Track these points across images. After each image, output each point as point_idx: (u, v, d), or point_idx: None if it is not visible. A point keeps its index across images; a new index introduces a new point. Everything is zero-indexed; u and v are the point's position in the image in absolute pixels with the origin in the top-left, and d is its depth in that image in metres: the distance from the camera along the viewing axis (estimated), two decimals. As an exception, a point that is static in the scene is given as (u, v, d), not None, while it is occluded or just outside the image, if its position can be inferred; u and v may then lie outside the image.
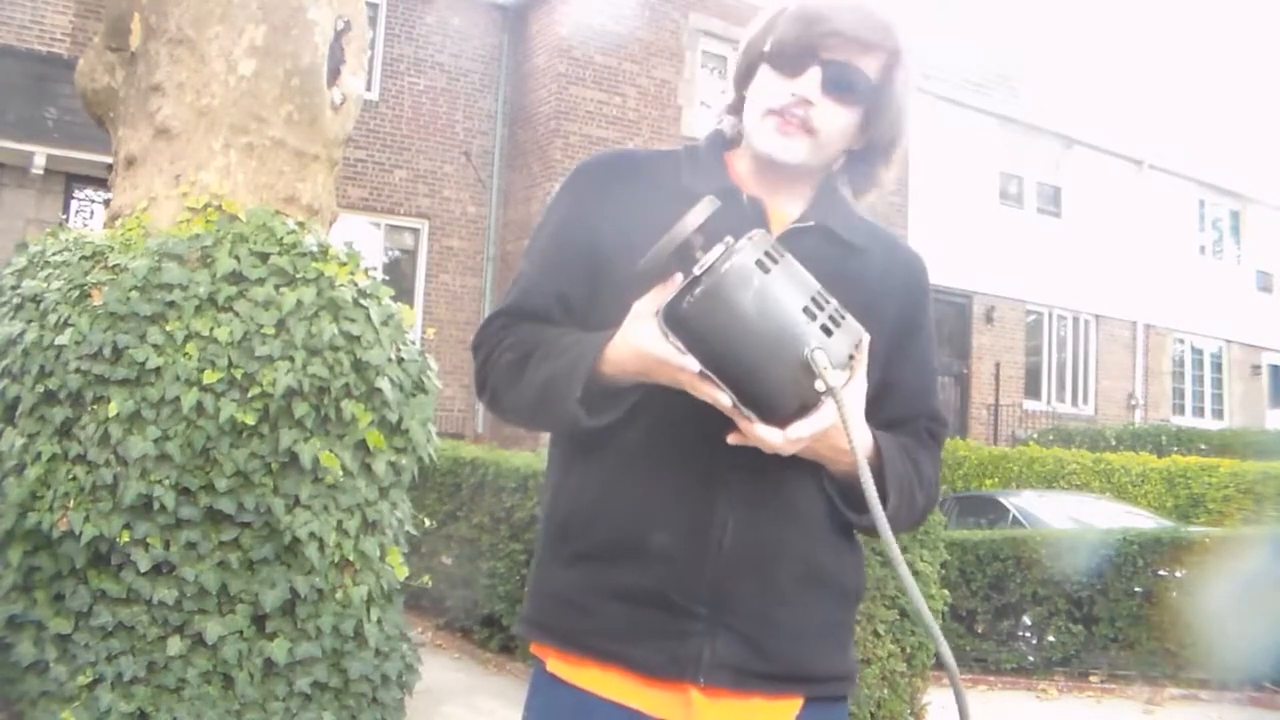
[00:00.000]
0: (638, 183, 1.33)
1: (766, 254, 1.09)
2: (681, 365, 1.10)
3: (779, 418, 1.10)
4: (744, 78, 1.34)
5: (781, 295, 1.08)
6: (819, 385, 1.07)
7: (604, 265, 1.27)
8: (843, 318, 1.10)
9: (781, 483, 1.23)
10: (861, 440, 1.11)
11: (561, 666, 1.27)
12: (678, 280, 1.12)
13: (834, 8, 1.24)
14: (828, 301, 1.10)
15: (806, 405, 1.10)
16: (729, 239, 1.10)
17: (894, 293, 1.34)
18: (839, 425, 1.11)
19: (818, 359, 1.06)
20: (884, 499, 1.22)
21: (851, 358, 1.11)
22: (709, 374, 1.08)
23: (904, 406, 1.35)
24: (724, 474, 1.23)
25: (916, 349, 1.37)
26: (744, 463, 1.20)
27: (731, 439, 1.14)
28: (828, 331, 1.08)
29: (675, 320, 1.10)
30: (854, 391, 1.14)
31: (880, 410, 1.25)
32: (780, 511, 1.25)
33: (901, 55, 1.28)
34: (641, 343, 1.14)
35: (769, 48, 1.28)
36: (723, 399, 1.09)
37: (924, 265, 1.43)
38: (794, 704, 1.27)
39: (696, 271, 1.09)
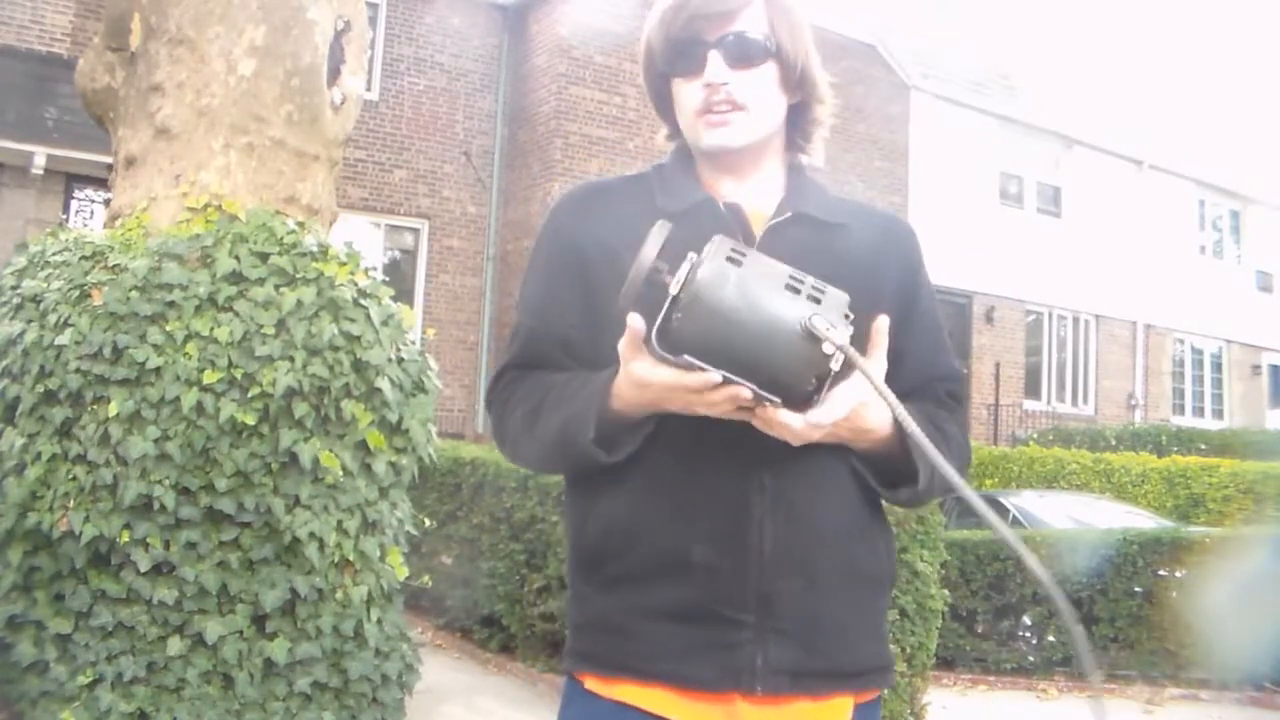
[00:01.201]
0: (615, 212, 1.33)
1: (733, 251, 1.11)
2: (695, 384, 1.10)
3: (800, 399, 1.11)
4: (665, 106, 1.38)
5: (760, 283, 1.10)
6: (826, 348, 1.07)
7: (598, 300, 1.27)
8: (823, 290, 1.11)
9: (811, 477, 1.23)
10: (892, 399, 1.11)
11: (599, 685, 1.26)
12: (637, 324, 1.12)
13: None
14: (804, 279, 1.12)
15: (821, 376, 1.11)
16: (691, 255, 1.12)
17: (888, 262, 1.34)
18: (858, 408, 1.14)
19: (817, 324, 1.07)
20: (914, 476, 1.23)
21: (847, 318, 1.12)
22: (727, 374, 1.08)
23: (919, 373, 1.35)
24: (755, 478, 1.22)
25: (920, 313, 1.36)
26: (773, 463, 1.20)
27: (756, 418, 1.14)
28: (815, 301, 1.10)
29: (670, 341, 1.10)
30: (875, 367, 1.15)
31: (897, 381, 1.23)
32: (813, 507, 1.25)
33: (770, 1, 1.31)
34: (645, 376, 1.13)
35: (662, 63, 1.33)
36: (744, 393, 1.09)
37: (911, 230, 1.44)
38: (843, 704, 1.27)
39: (674, 291, 1.10)
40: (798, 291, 1.10)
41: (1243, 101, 19.61)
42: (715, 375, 1.08)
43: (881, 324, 1.16)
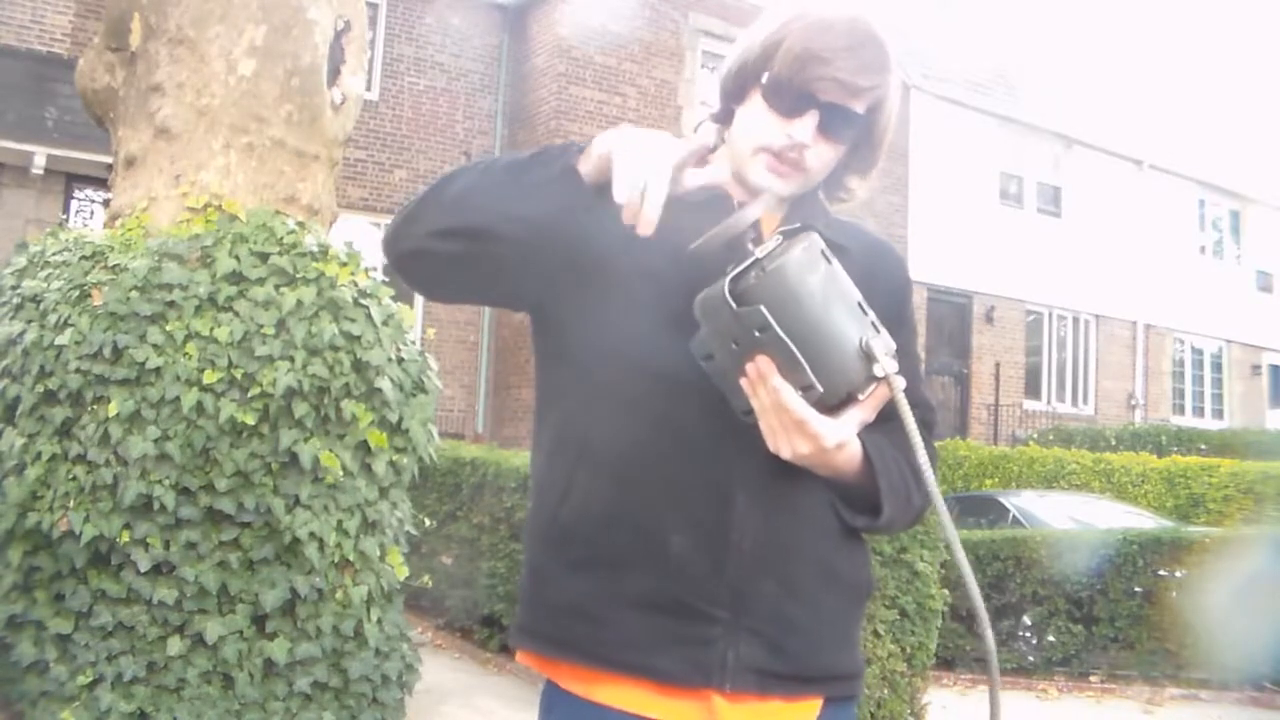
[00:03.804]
0: None
1: (825, 251, 1.13)
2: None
3: (819, 407, 1.12)
4: (735, 94, 1.33)
5: (839, 288, 1.12)
6: (878, 370, 1.09)
7: (587, 259, 1.23)
8: (880, 329, 1.13)
9: (794, 481, 1.22)
10: (911, 423, 1.12)
11: (575, 684, 1.24)
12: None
13: (834, 50, 1.23)
14: (870, 310, 1.14)
15: (851, 394, 1.12)
16: (779, 237, 1.13)
17: (876, 289, 1.32)
18: (846, 443, 1.14)
19: (877, 346, 1.10)
20: (878, 510, 1.23)
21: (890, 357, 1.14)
22: (782, 335, 1.09)
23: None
24: (740, 474, 1.21)
25: (900, 343, 1.36)
26: (758, 461, 1.19)
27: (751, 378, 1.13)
28: (876, 330, 1.12)
29: (739, 292, 1.10)
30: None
31: None
32: (794, 510, 1.24)
33: (891, 88, 1.29)
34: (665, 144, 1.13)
35: (766, 81, 1.27)
36: (797, 354, 1.09)
37: (903, 260, 1.45)
38: (813, 705, 1.26)
39: (759, 254, 1.11)
40: (865, 314, 1.12)
41: (1243, 102, 19.61)
42: (780, 334, 1.08)
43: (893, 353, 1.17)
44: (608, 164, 1.13)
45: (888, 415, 1.22)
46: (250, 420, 3.22)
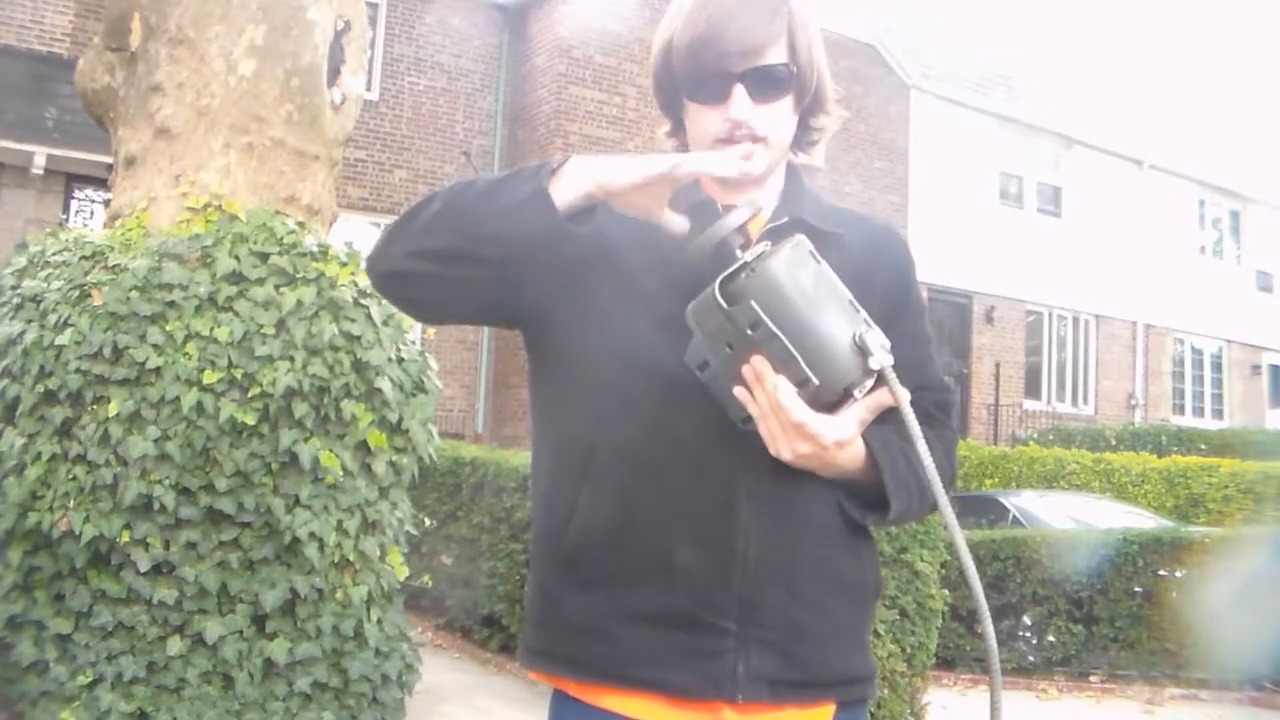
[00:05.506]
0: None
1: (813, 251, 1.13)
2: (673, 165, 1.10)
3: (817, 405, 1.11)
4: (671, 107, 1.36)
5: (830, 286, 1.12)
6: (873, 363, 1.09)
7: (567, 277, 1.23)
8: (872, 325, 1.13)
9: (797, 486, 1.21)
10: (910, 415, 1.11)
11: (586, 694, 1.24)
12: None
13: (717, 24, 1.24)
14: (861, 308, 1.13)
15: (849, 389, 1.11)
16: (767, 243, 1.13)
17: (878, 271, 1.33)
18: (845, 441, 1.14)
19: (870, 339, 1.09)
20: (886, 505, 1.22)
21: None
22: (775, 330, 1.08)
23: (905, 383, 1.33)
24: (742, 482, 1.21)
25: (908, 323, 1.34)
26: (760, 469, 1.19)
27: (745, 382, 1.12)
28: (868, 325, 1.12)
29: (731, 291, 1.10)
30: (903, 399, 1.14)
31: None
32: (799, 515, 1.23)
33: (792, 22, 1.29)
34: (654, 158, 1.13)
35: (682, 86, 1.30)
36: (779, 378, 1.08)
37: (903, 241, 1.44)
38: (826, 710, 1.25)
39: (747, 258, 1.10)
40: (857, 311, 1.12)
41: (1243, 102, 19.64)
42: (773, 328, 1.08)
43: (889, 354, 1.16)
44: (600, 191, 1.13)
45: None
46: (250, 420, 3.22)
